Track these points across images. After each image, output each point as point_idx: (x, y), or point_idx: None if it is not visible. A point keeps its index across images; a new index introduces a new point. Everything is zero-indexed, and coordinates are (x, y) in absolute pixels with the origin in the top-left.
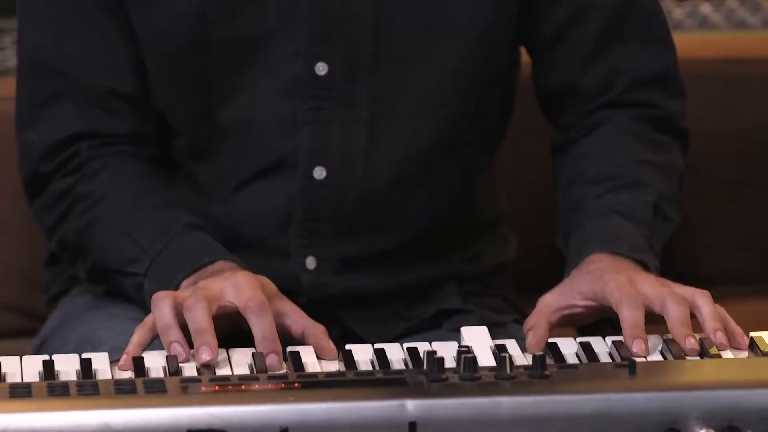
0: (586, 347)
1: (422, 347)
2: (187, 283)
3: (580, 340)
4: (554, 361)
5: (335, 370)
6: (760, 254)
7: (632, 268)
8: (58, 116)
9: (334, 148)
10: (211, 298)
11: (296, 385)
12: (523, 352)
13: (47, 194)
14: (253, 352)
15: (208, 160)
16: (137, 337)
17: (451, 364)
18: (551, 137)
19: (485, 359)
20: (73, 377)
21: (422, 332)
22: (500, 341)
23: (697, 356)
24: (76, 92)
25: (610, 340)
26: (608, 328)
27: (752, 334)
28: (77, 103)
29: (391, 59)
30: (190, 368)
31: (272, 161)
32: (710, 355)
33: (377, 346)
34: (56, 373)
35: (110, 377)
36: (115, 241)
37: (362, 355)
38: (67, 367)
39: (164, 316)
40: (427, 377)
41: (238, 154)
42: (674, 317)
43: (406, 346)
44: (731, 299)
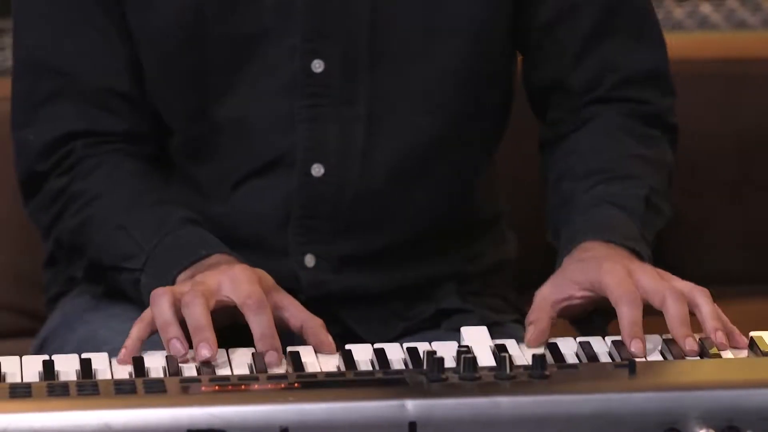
0: (585, 347)
1: (422, 347)
2: (183, 276)
3: (579, 340)
4: (554, 361)
5: (335, 369)
6: (760, 254)
7: (626, 256)
8: (55, 115)
9: (331, 145)
10: (208, 293)
11: (296, 385)
12: (523, 351)
13: (43, 193)
14: (252, 352)
15: (205, 158)
16: (136, 331)
17: (450, 364)
18: (539, 133)
19: (485, 359)
20: (73, 377)
21: (421, 332)
22: (500, 341)
23: (696, 356)
24: (74, 91)
25: (609, 339)
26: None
27: (752, 334)
28: (75, 101)
29: (388, 57)
30: (189, 368)
31: (270, 159)
32: (710, 355)
33: (377, 346)
34: (56, 373)
35: (110, 377)
36: (110, 237)
37: (362, 355)
38: (66, 367)
39: (163, 312)
40: (427, 377)
41: (235, 152)
42: (674, 316)
43: (405, 346)
44: (731, 299)
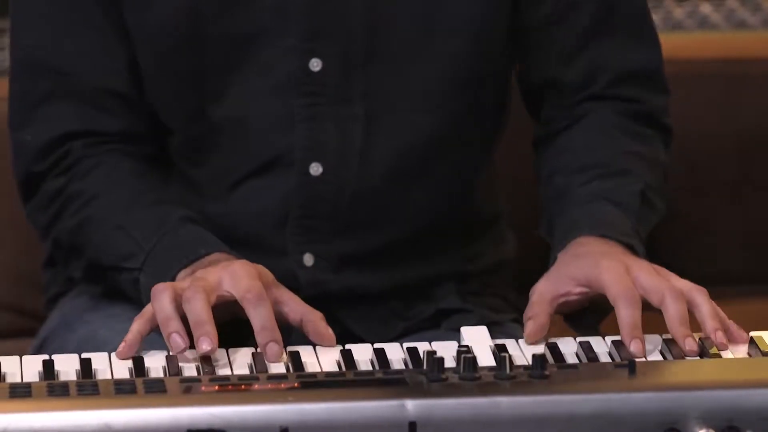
0: (585, 347)
1: (422, 347)
2: (183, 275)
3: (579, 340)
4: (554, 361)
5: (335, 369)
6: (760, 254)
7: (623, 252)
8: (53, 115)
9: (329, 144)
10: (209, 288)
11: (296, 385)
12: (523, 351)
13: (41, 194)
14: (253, 352)
15: (203, 158)
16: (137, 326)
17: (450, 364)
18: (533, 131)
19: (485, 359)
20: (72, 377)
21: (421, 332)
22: (500, 341)
23: (696, 356)
24: (71, 91)
25: (609, 339)
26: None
27: (752, 333)
28: (73, 101)
29: (386, 56)
30: (189, 368)
31: (268, 158)
32: (710, 355)
33: (377, 345)
34: (56, 373)
35: (110, 377)
36: (109, 237)
37: (362, 354)
38: (66, 367)
39: (164, 307)
40: (426, 377)
41: (233, 152)
42: (673, 315)
43: (405, 345)
44: (731, 299)
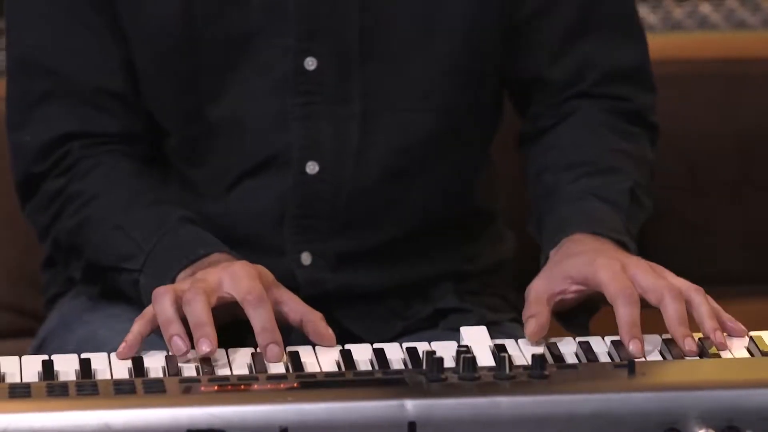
0: (585, 347)
1: (421, 347)
2: (183, 275)
3: (579, 340)
4: (553, 361)
5: (334, 370)
6: (760, 254)
7: (617, 249)
8: (50, 116)
9: (326, 143)
10: (209, 290)
11: (295, 385)
12: (522, 351)
13: (40, 195)
14: (252, 352)
15: (200, 158)
16: (137, 327)
17: (450, 364)
18: (519, 128)
19: (484, 359)
20: (72, 377)
21: (419, 331)
22: (499, 341)
23: (696, 356)
24: (68, 91)
25: (609, 339)
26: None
27: (752, 333)
28: (70, 102)
29: (381, 54)
30: (189, 368)
31: (264, 158)
32: (709, 354)
33: (376, 345)
34: (55, 373)
35: (110, 377)
36: (109, 238)
37: (361, 354)
38: (66, 367)
39: (165, 310)
40: (426, 377)
41: (230, 151)
42: (672, 315)
43: (405, 345)
44: (731, 299)
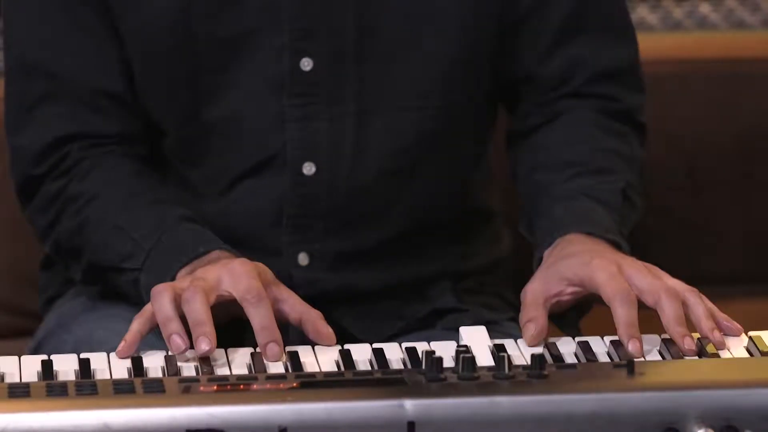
0: (584, 347)
1: (421, 347)
2: (183, 273)
3: (578, 340)
4: (553, 360)
5: (333, 369)
6: (760, 254)
7: (611, 250)
8: (49, 118)
9: (322, 143)
10: (208, 288)
11: (295, 385)
12: (521, 351)
13: (40, 197)
14: (251, 352)
15: (197, 159)
16: (136, 325)
17: (449, 363)
18: (508, 126)
19: (484, 359)
20: (71, 377)
21: (417, 331)
22: (499, 341)
23: (695, 356)
24: (66, 93)
25: (608, 339)
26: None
27: (751, 333)
28: (68, 104)
29: (377, 54)
30: (188, 368)
31: (261, 158)
32: (708, 354)
33: (375, 345)
34: (55, 373)
35: (109, 377)
36: (108, 238)
37: (361, 354)
38: (65, 367)
39: (164, 308)
40: (425, 377)
41: (226, 152)
42: (670, 316)
43: (404, 345)
44: (731, 299)
